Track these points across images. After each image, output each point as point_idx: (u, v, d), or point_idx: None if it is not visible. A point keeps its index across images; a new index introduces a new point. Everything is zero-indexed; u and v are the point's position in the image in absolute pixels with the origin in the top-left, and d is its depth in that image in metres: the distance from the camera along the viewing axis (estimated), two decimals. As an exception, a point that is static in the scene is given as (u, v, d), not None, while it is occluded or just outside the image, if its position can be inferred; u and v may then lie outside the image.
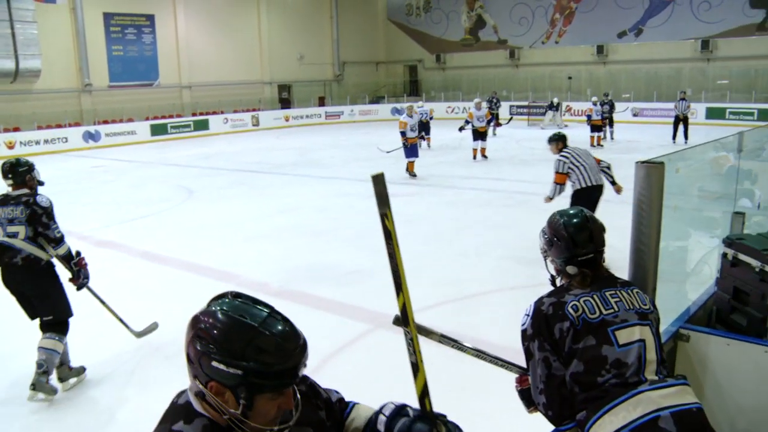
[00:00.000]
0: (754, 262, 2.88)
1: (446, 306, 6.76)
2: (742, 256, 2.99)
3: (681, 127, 21.12)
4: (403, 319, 1.83)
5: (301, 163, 18.37)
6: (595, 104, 21.37)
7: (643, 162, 2.23)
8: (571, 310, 2.24)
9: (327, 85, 39.33)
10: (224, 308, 1.50)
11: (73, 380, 5.19)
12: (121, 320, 5.83)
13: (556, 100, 29.28)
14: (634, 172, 2.39)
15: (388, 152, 17.85)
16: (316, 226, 10.62)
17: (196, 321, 1.49)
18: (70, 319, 5.16)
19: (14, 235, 4.88)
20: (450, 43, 40.24)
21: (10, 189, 5.01)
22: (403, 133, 15.18)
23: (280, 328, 1.52)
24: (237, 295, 1.56)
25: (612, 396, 2.12)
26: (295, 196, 13.14)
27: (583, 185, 8.02)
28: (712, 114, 28.45)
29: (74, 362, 5.35)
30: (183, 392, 1.58)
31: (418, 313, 6.72)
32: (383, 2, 42.67)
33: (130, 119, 28.06)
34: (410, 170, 15.26)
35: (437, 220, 10.74)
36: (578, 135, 23.89)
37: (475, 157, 17.86)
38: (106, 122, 27.40)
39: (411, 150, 15.27)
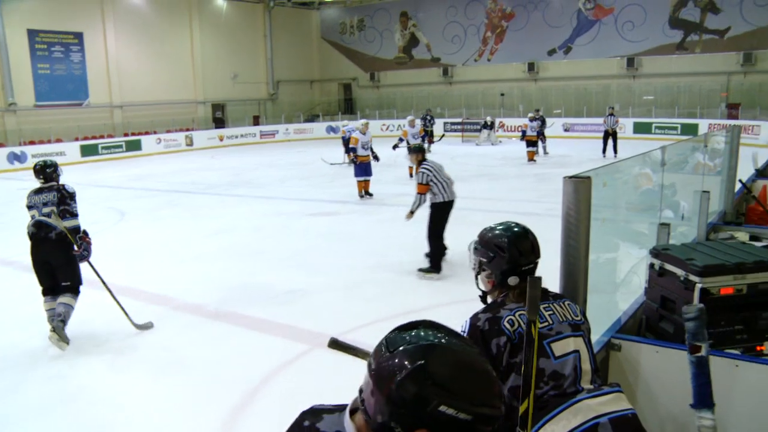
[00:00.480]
0: (679, 271, 2.98)
1: (385, 323, 6.75)
2: (667, 266, 3.10)
3: (610, 142, 21.78)
4: (522, 424, 1.81)
5: (236, 183, 18.19)
6: (531, 120, 21.81)
7: (570, 177, 2.29)
8: (507, 325, 2.25)
9: (261, 104, 39.12)
10: (446, 344, 1.32)
11: (62, 344, 6.11)
12: (121, 307, 6.76)
13: (489, 119, 29.87)
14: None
15: (331, 164, 17.91)
16: (252, 246, 10.51)
17: (406, 356, 1.28)
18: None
19: (48, 215, 6.22)
20: (384, 61, 40.58)
21: (41, 183, 6.46)
22: (353, 150, 14.90)
23: (485, 361, 1.37)
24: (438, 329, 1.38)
25: (551, 406, 2.15)
26: (230, 217, 12.99)
27: (442, 200, 8.53)
28: (639, 129, 29.44)
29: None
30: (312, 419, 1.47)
31: (360, 330, 6.75)
32: (317, 21, 42.79)
33: (59, 140, 27.31)
34: (365, 189, 14.80)
35: (375, 238, 10.75)
36: (512, 151, 24.38)
37: (411, 175, 17.87)
38: (32, 143, 26.60)
39: (361, 168, 14.74)
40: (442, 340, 1.31)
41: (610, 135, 21.89)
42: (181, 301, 7.69)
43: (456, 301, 7.21)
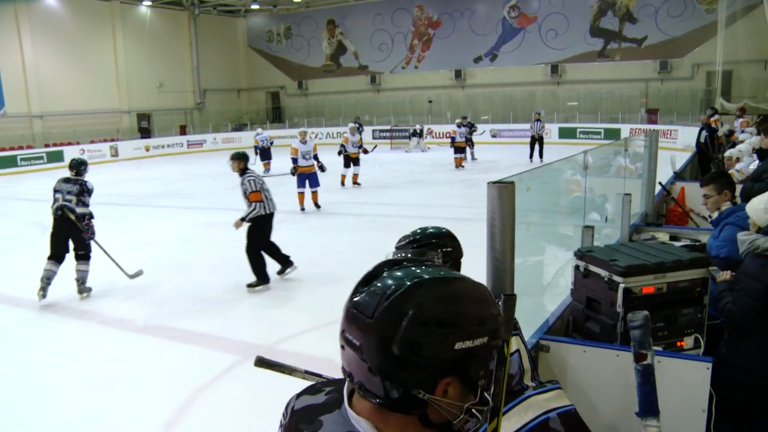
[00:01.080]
0: (603, 272, 3.08)
1: (319, 331, 6.73)
2: (592, 267, 3.19)
3: (537, 147, 22.25)
4: None
5: (163, 194, 17.84)
6: (459, 126, 22.04)
7: (494, 182, 2.34)
8: None
9: (188, 114, 38.52)
10: (426, 277, 1.15)
11: (85, 294, 8.25)
12: (117, 265, 8.61)
13: (418, 127, 30.16)
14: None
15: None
16: (180, 257, 10.33)
17: (403, 304, 1.11)
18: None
19: (70, 201, 8.12)
20: (312, 69, 40.51)
21: (71, 175, 8.48)
22: (294, 160, 14.39)
23: (466, 280, 1.23)
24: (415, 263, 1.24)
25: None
26: (158, 228, 12.73)
27: (268, 211, 8.56)
28: (564, 133, 30.19)
29: None
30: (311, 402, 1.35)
31: (293, 339, 6.70)
32: (243, 29, 42.42)
33: (-28, 151, 26.28)
34: (314, 201, 14.32)
35: (305, 247, 10.71)
36: (441, 157, 24.65)
37: (343, 184, 17.77)
38: (-55, 155, 25.53)
39: (302, 180, 14.24)
40: (408, 281, 1.14)
41: (536, 140, 22.40)
42: (107, 315, 7.50)
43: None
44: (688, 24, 29.56)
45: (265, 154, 22.92)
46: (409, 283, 1.13)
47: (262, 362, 1.92)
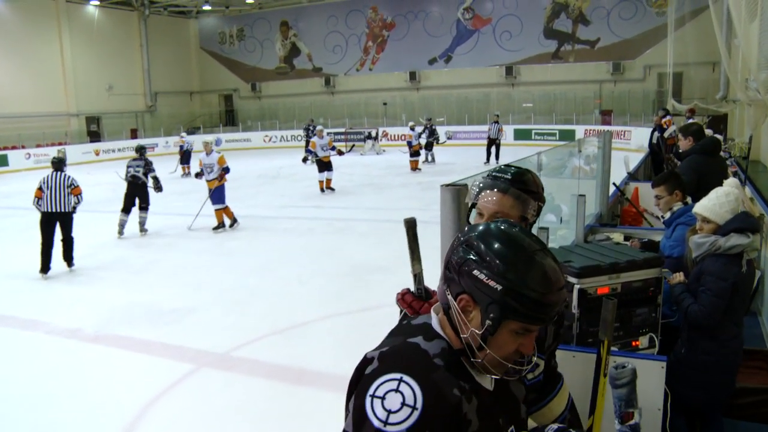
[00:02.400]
0: (559, 274, 3.10)
1: (275, 337, 6.70)
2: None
3: (494, 149, 22.44)
4: None
5: (114, 200, 17.42)
6: (412, 129, 22.03)
7: (447, 185, 2.34)
8: None
9: (139, 117, 37.94)
10: (502, 227, 1.47)
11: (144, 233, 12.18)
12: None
13: (373, 132, 30.22)
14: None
15: (170, 173, 17.72)
16: (133, 264, 10.18)
17: (469, 231, 1.48)
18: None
19: (138, 172, 12.18)
20: (265, 71, 40.29)
21: (137, 156, 12.59)
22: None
23: (551, 261, 1.43)
24: (512, 225, 1.50)
25: None
26: (110, 235, 12.51)
27: (44, 210, 9.82)
28: (520, 135, 30.52)
29: None
30: (410, 317, 1.60)
31: (248, 346, 6.65)
32: (195, 31, 41.99)
33: None
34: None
35: (259, 251, 10.65)
36: (397, 160, 24.71)
37: (322, 190, 17.15)
38: None
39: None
40: (502, 225, 1.48)
41: (493, 142, 22.59)
42: (55, 325, 7.34)
43: (348, 312, 7.25)
44: (640, 26, 30.19)
45: (185, 157, 23.22)
46: (490, 227, 1.47)
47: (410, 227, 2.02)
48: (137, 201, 12.38)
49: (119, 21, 37.00)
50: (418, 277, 2.22)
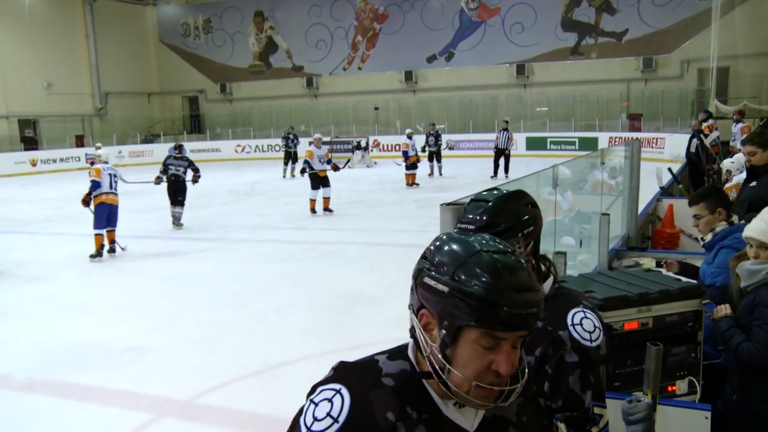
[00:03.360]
0: (578, 307, 3.10)
1: (248, 381, 6.65)
2: (566, 301, 3.20)
3: (502, 161, 22.52)
4: None
5: (55, 219, 17.49)
6: (410, 138, 22.08)
7: (448, 204, 2.34)
8: None
9: (86, 121, 37.97)
10: (458, 233, 1.58)
11: (178, 227, 15.13)
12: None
13: (363, 142, 30.24)
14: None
15: (127, 182, 17.85)
16: (77, 296, 10.12)
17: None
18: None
19: (179, 170, 15.37)
20: (237, 70, 40.44)
21: (177, 153, 15.72)
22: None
23: (508, 260, 1.44)
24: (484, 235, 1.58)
25: None
26: (48, 261, 12.45)
27: None
28: (533, 144, 30.60)
29: None
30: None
31: (216, 392, 6.61)
32: (153, 21, 42.10)
33: None
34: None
35: (230, 280, 10.61)
36: (389, 174, 24.74)
37: (313, 210, 16.70)
38: None
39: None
40: (456, 233, 1.62)
41: (502, 153, 22.66)
42: (-16, 369, 7.28)
43: (334, 350, 7.22)
44: (677, 14, 30.25)
45: None
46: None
47: None
48: (178, 195, 15.47)
49: (58, 7, 37.04)
50: None
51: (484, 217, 2.18)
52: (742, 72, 27.40)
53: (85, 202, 12.88)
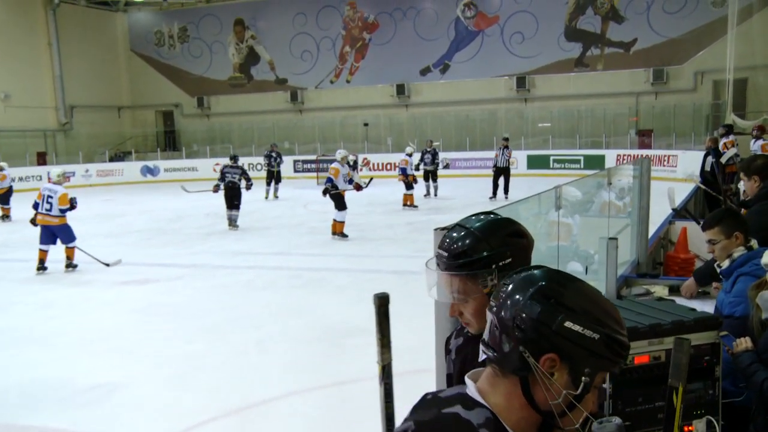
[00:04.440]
0: (587, 341, 3.08)
1: (226, 420, 6.61)
2: (570, 332, 3.19)
3: (502, 180, 22.59)
4: None
5: (13, 244, 17.41)
6: (410, 155, 22.11)
7: (443, 228, 2.35)
8: None
9: (49, 137, 37.87)
10: (557, 271, 1.69)
11: (234, 228, 18.44)
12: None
13: (352, 158, 30.20)
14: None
15: (189, 191, 18.91)
16: (37, 329, 10.04)
17: (526, 280, 1.63)
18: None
19: (235, 178, 18.58)
20: (215, 82, 40.52)
21: (233, 162, 19.20)
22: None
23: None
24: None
25: None
26: (8, 292, 12.39)
27: None
28: (535, 163, 30.68)
29: None
30: (435, 391, 1.76)
31: (196, 430, 6.54)
32: (123, 28, 42.10)
33: None
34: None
35: (207, 310, 10.57)
36: (381, 194, 24.73)
37: (343, 234, 16.50)
38: None
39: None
40: (553, 271, 1.69)
41: (501, 173, 22.74)
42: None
43: (320, 386, 7.20)
44: (689, 22, 30.44)
45: (4, 198, 22.68)
46: (548, 272, 1.67)
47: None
48: (234, 200, 18.59)
49: (16, 12, 36.79)
50: (386, 369, 2.31)
51: (458, 244, 2.23)
52: (761, 84, 27.49)
53: (32, 221, 13.88)
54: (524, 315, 1.56)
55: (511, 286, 1.63)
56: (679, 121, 30.63)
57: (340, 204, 16.44)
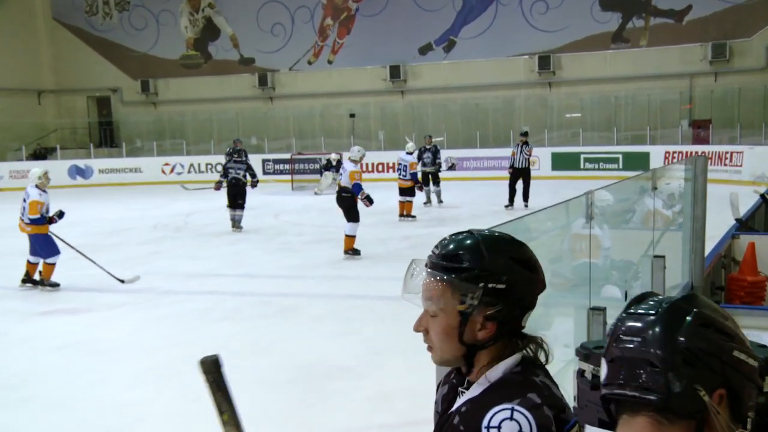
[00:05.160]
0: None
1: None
2: (606, 374, 3.17)
3: (520, 185, 22.62)
4: None
5: None
6: (410, 153, 22.08)
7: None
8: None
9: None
10: (698, 295, 1.79)
11: (238, 230, 20.71)
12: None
13: (334, 156, 30.21)
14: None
15: (188, 189, 19.61)
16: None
17: (683, 305, 1.70)
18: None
19: (239, 174, 20.99)
20: (164, 62, 40.43)
21: (236, 156, 21.26)
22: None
23: None
24: None
25: None
26: None
27: None
28: (561, 163, 30.68)
29: None
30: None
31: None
32: (43, -8, 41.62)
33: None
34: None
35: (153, 348, 10.53)
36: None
37: (348, 252, 16.53)
38: None
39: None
40: (691, 295, 1.78)
41: (520, 175, 22.73)
42: None
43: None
44: (761, -18, 30.26)
45: None
46: (672, 300, 1.74)
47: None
48: (238, 198, 20.66)
49: None
50: None
51: (451, 246, 2.30)
52: None
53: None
54: (693, 347, 1.61)
55: (650, 323, 1.69)
56: (745, 108, 30.48)
57: (353, 213, 16.63)
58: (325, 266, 15.58)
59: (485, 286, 2.20)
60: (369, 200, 16.50)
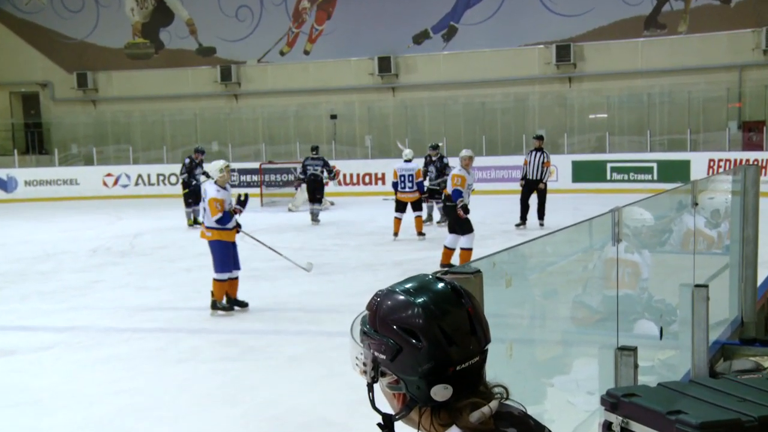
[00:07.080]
0: (659, 436, 3.10)
1: None
2: (636, 426, 3.19)
3: (534, 199, 22.69)
4: None
5: None
6: (409, 161, 22.10)
7: (445, 272, 2.38)
8: None
9: None
10: None
11: (316, 223, 27.18)
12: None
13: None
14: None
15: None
16: None
17: None
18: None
19: (317, 170, 27.83)
20: (105, 52, 40.43)
21: (314, 154, 28.20)
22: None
23: None
24: None
25: None
26: None
27: None
28: (583, 173, 30.73)
29: None
30: None
31: None
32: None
33: None
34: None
35: (93, 397, 10.52)
36: (356, 220, 24.75)
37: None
38: None
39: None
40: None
41: (534, 187, 22.81)
42: None
43: None
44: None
45: None
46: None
47: None
48: (316, 193, 25.98)
49: None
50: None
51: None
52: None
53: None
54: None
55: None
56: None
57: (465, 225, 16.83)
58: (300, 296, 15.59)
59: (373, 355, 2.39)
60: (464, 210, 16.66)
